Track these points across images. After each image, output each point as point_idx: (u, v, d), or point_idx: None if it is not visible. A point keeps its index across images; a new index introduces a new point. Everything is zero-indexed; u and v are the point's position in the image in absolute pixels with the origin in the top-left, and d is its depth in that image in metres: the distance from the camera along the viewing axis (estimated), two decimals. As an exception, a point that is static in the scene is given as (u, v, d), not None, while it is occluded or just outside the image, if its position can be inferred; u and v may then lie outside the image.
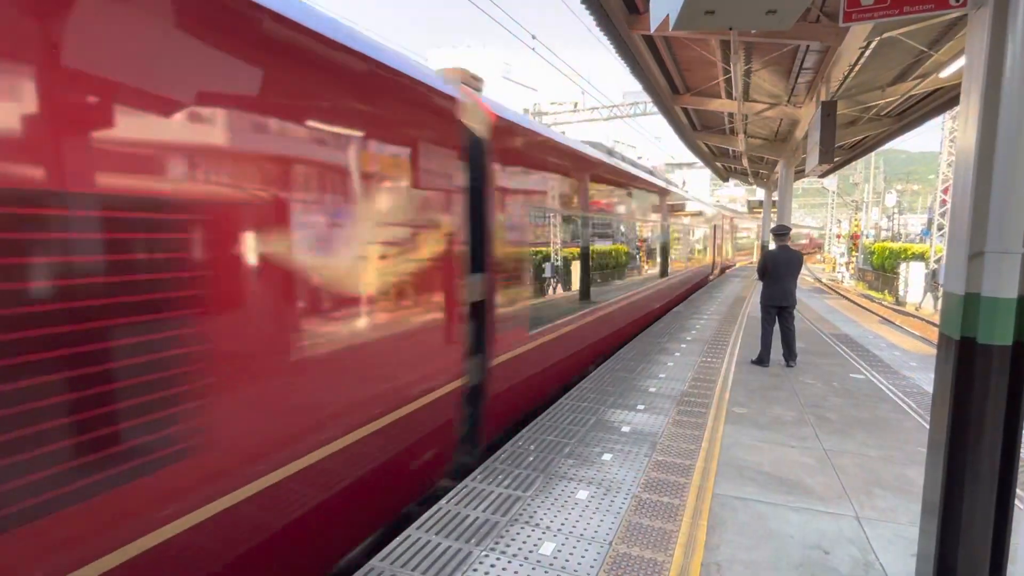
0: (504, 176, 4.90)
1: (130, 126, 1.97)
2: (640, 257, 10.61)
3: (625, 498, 3.68)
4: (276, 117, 2.54)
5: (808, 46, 9.44)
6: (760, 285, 7.80)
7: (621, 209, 9.28)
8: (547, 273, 6.15)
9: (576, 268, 7.15)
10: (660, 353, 8.21)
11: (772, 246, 7.71)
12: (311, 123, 2.74)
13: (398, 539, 3.16)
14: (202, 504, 2.24)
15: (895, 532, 3.30)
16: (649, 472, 4.08)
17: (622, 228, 9.52)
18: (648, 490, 3.80)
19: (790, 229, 7.85)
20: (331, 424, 2.94)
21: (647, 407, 5.59)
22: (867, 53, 9.55)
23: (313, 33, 2.74)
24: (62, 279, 1.77)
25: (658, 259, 11.96)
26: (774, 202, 23.41)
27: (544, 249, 6.04)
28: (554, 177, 6.20)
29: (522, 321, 5.34)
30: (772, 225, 8.23)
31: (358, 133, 3.07)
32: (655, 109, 15.47)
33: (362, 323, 3.14)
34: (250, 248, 2.42)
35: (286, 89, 2.61)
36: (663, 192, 12.10)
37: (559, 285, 6.59)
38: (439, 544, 3.12)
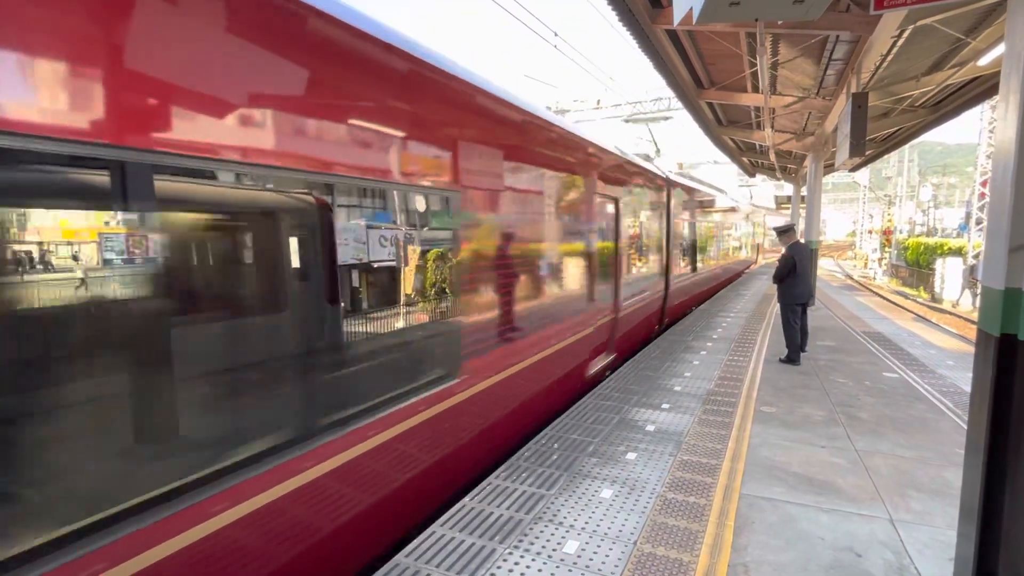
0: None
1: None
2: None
3: (650, 497, 3.64)
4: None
5: (838, 36, 9.19)
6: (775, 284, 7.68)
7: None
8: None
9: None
10: (686, 351, 8.10)
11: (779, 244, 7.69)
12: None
13: (423, 535, 3.19)
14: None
15: (931, 536, 3.20)
16: (674, 471, 4.03)
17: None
18: (673, 489, 3.75)
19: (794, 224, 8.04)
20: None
21: (672, 406, 5.52)
22: (900, 42, 9.25)
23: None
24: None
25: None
26: (803, 197, 22.90)
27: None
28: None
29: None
30: (779, 224, 8.12)
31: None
32: (679, 105, 15.24)
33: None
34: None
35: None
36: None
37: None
38: (463, 541, 3.13)
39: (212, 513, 2.25)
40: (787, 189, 36.26)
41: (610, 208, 7.42)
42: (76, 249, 2.02)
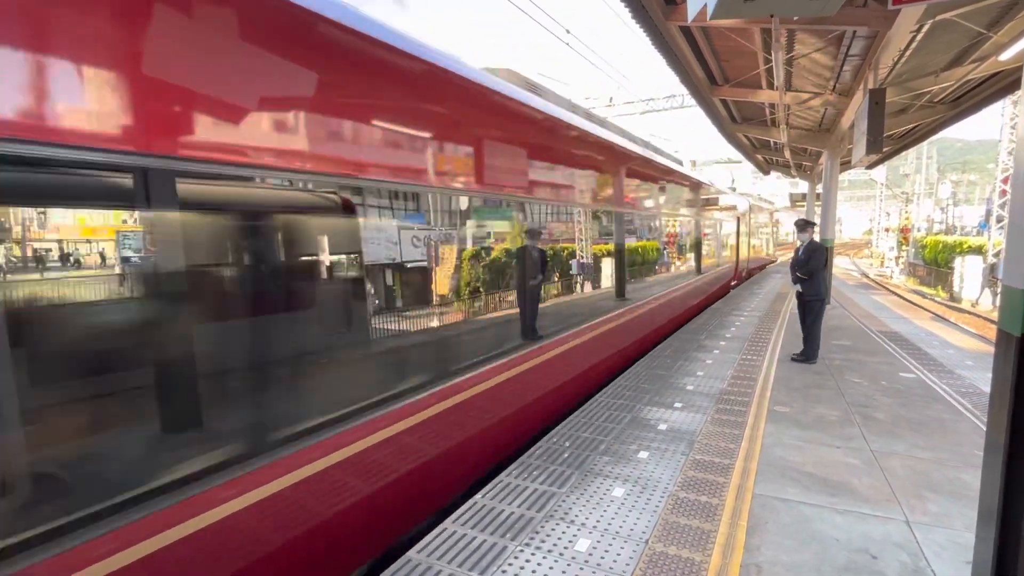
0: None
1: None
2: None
3: (662, 497, 3.63)
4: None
5: (855, 32, 9.07)
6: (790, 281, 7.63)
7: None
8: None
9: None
10: (698, 351, 8.06)
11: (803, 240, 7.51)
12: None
13: (434, 532, 3.20)
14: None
15: (948, 538, 3.15)
16: (687, 471, 4.01)
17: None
18: (686, 489, 3.73)
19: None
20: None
21: (685, 405, 5.49)
22: (919, 37, 9.09)
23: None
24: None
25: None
26: (818, 195, 22.62)
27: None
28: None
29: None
30: (797, 219, 7.96)
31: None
32: (692, 102, 15.14)
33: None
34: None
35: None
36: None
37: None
38: (475, 538, 3.14)
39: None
40: (802, 187, 35.83)
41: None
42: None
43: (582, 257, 6.68)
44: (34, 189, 1.92)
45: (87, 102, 1.85)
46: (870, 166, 27.41)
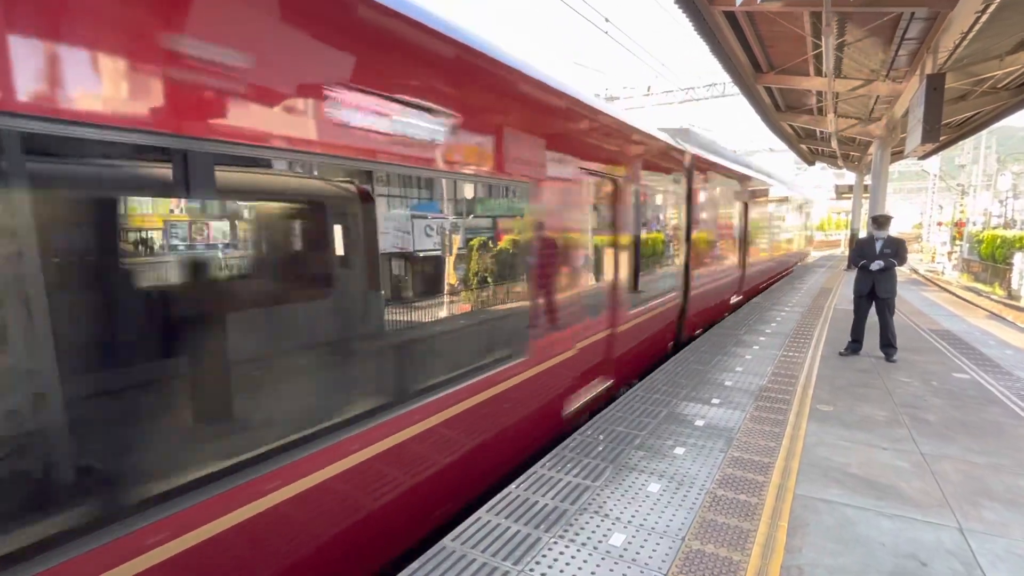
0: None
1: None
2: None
3: (699, 493, 3.56)
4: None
5: (913, 13, 8.62)
6: (850, 274, 7.31)
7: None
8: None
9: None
10: (737, 346, 7.87)
11: (864, 233, 7.17)
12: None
13: (469, 520, 3.23)
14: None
15: (1006, 548, 3.00)
16: (724, 468, 3.93)
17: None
18: (723, 487, 3.66)
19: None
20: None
21: (723, 401, 5.38)
22: (983, 18, 8.57)
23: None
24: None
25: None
26: (866, 186, 21.73)
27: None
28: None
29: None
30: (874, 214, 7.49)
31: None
32: (734, 90, 14.70)
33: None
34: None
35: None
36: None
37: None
38: (508, 528, 3.15)
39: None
40: (849, 178, 34.47)
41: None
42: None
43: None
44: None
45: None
46: (923, 156, 26.16)
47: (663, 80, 29.42)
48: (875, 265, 6.87)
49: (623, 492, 3.59)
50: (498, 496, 3.53)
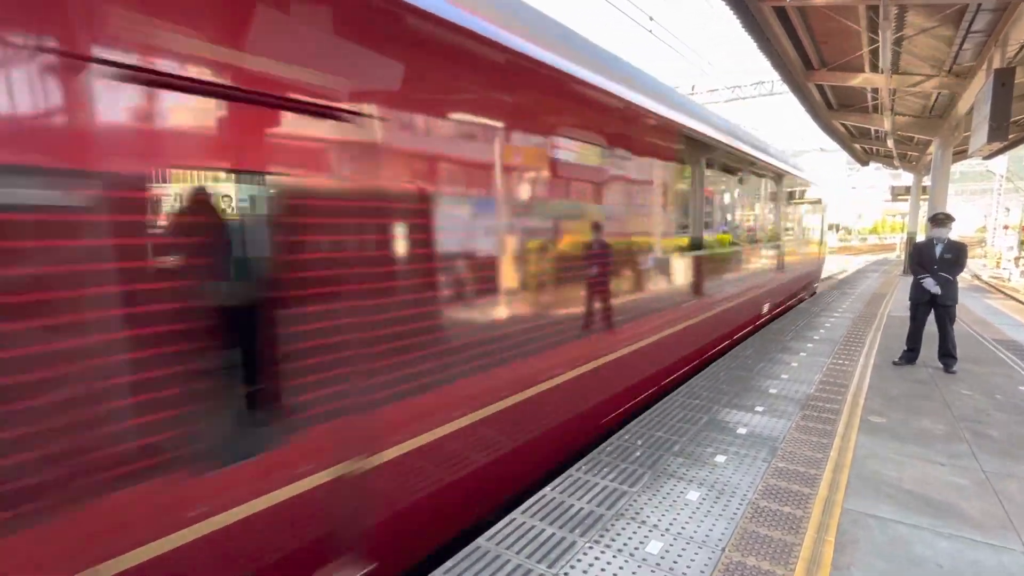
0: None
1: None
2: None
3: (740, 503, 3.46)
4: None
5: (980, 4, 8.14)
6: (906, 279, 6.96)
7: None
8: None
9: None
10: (782, 352, 7.61)
11: (921, 236, 6.79)
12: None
13: (503, 521, 3.23)
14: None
15: (1078, 576, 2.79)
16: (768, 479, 3.80)
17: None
18: (767, 497, 3.54)
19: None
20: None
21: (767, 409, 5.21)
22: (1058, 9, 8.02)
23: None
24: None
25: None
26: (924, 188, 20.68)
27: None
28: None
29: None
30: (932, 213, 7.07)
31: None
32: (783, 88, 14.24)
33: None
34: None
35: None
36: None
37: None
38: (543, 530, 3.13)
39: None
40: (906, 178, 32.88)
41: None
42: None
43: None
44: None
45: None
46: (989, 156, 24.69)
47: (708, 78, 28.80)
48: (931, 285, 6.52)
49: (661, 499, 3.51)
50: (533, 498, 3.51)
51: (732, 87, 28.00)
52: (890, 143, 19.56)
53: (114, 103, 1.82)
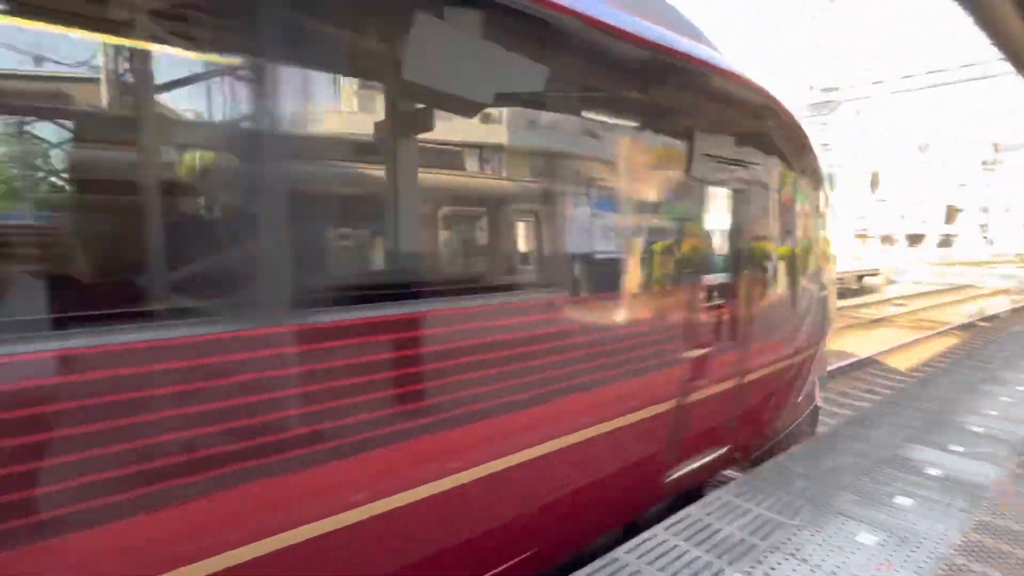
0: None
1: None
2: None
3: (928, 557, 2.94)
4: None
5: None
6: None
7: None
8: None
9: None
10: (988, 382, 6.37)
11: None
12: None
13: (644, 535, 3.10)
14: None
15: None
16: (969, 533, 3.19)
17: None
18: (966, 554, 2.97)
19: None
20: None
21: (967, 449, 4.39)
22: None
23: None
24: None
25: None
26: None
27: None
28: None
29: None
30: None
31: None
32: (997, 70, 11.93)
33: None
34: None
35: None
36: None
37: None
38: (687, 551, 2.95)
39: None
40: None
41: None
42: None
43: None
44: None
45: None
46: None
47: (890, 65, 25.24)
48: None
49: (825, 537, 3.12)
50: (676, 515, 3.33)
51: (932, 71, 24.20)
52: None
53: None
